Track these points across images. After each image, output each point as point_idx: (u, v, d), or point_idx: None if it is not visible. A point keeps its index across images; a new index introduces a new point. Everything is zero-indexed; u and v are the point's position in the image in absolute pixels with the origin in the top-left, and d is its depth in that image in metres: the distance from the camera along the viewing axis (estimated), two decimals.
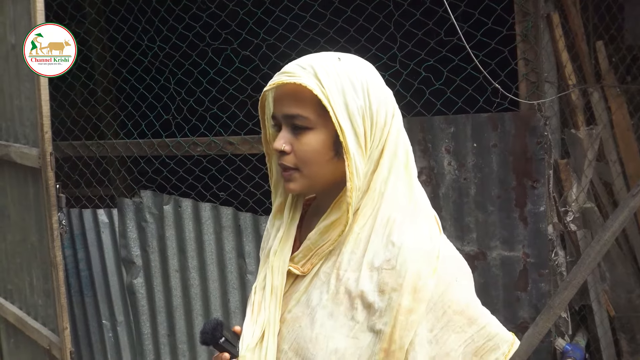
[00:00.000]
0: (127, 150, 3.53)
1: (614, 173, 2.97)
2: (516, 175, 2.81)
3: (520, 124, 2.77)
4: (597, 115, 2.93)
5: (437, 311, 1.13)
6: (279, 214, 1.31)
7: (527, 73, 2.76)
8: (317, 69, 1.15)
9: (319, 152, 1.17)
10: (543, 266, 2.81)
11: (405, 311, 1.11)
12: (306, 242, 1.23)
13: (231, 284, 3.39)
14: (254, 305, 1.26)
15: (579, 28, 2.90)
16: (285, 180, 1.22)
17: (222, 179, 3.40)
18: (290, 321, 1.21)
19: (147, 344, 3.64)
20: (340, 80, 1.14)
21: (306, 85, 1.13)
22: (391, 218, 1.18)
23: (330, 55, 1.19)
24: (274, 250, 1.27)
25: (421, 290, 1.12)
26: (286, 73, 1.17)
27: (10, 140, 3.36)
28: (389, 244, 1.15)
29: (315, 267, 1.21)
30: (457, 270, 1.18)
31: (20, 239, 3.47)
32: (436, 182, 2.91)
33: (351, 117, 1.14)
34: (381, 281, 1.13)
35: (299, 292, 1.22)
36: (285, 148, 1.18)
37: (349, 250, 1.18)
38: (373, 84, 1.18)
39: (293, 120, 1.17)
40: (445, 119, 2.88)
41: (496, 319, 1.19)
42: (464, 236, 2.89)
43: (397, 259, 1.13)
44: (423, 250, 1.14)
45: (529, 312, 2.85)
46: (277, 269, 1.25)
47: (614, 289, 3.00)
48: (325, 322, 1.16)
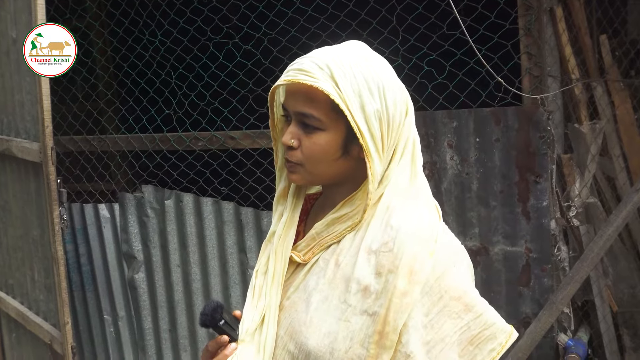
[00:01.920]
0: (129, 145, 3.52)
1: (617, 168, 2.95)
2: (519, 170, 2.80)
3: (523, 119, 2.76)
4: (600, 110, 2.91)
5: (433, 295, 1.12)
6: (282, 199, 1.31)
7: (530, 67, 2.74)
8: (334, 70, 1.13)
9: (327, 152, 1.17)
10: (546, 261, 2.80)
11: (400, 293, 1.10)
12: (311, 232, 1.23)
13: (232, 278, 3.39)
14: (255, 289, 1.25)
15: (582, 22, 2.88)
16: (288, 170, 1.23)
17: (223, 174, 3.39)
18: (287, 307, 1.21)
19: (148, 338, 3.64)
20: (357, 83, 1.13)
21: (324, 90, 1.12)
22: (392, 205, 1.18)
23: (345, 54, 1.17)
24: (278, 235, 1.26)
25: (417, 272, 1.11)
26: (303, 71, 1.14)
27: (12, 135, 3.36)
28: (388, 227, 1.15)
29: (316, 256, 1.22)
30: (455, 256, 1.18)
31: (22, 234, 3.47)
32: (438, 176, 2.90)
33: (367, 121, 1.13)
34: (378, 264, 1.13)
35: (298, 279, 1.22)
36: (293, 144, 1.18)
37: (350, 236, 1.19)
38: (389, 85, 1.17)
39: (304, 118, 1.17)
40: (448, 113, 2.87)
41: (494, 310, 1.18)
42: (467, 231, 2.88)
43: (395, 241, 1.13)
44: (421, 233, 1.14)
45: (531, 307, 2.85)
46: (280, 255, 1.25)
47: (616, 284, 2.99)
48: (319, 306, 1.16)
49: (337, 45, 1.21)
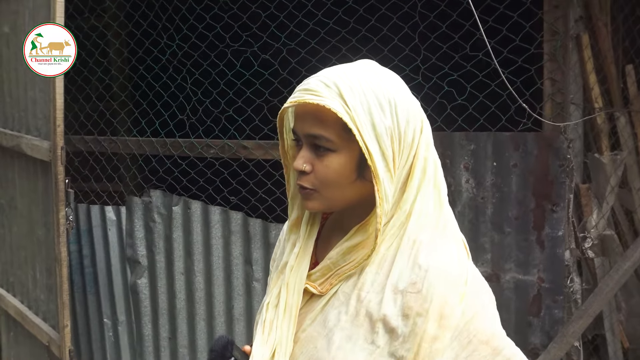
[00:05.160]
0: (140, 148, 3.49)
1: (637, 201, 2.89)
2: (535, 197, 2.74)
3: (543, 145, 2.70)
4: (622, 141, 2.85)
5: (462, 339, 1.08)
6: (295, 228, 1.25)
7: (553, 93, 2.69)
8: (341, 88, 1.08)
9: (341, 175, 1.12)
10: (558, 292, 2.74)
11: (430, 338, 1.06)
12: (326, 262, 1.17)
13: (236, 290, 3.33)
14: (265, 323, 1.19)
15: (608, 50, 2.83)
16: (303, 197, 1.17)
17: (233, 183, 3.35)
18: (304, 341, 1.16)
19: (147, 345, 3.58)
20: (367, 99, 1.08)
21: (331, 107, 1.06)
22: (418, 239, 1.12)
23: (353, 70, 1.12)
24: (290, 267, 1.21)
25: (448, 317, 1.07)
26: (310, 91, 1.09)
27: (22, 131, 3.33)
28: (415, 266, 1.10)
29: (334, 288, 1.16)
30: (484, 298, 1.13)
31: (26, 232, 3.43)
32: (453, 199, 2.84)
33: (379, 139, 1.08)
34: (405, 305, 1.08)
35: (315, 312, 1.16)
36: (306, 168, 1.13)
37: (373, 270, 1.13)
38: (400, 100, 1.11)
39: (315, 140, 1.12)
40: (466, 135, 2.82)
41: (520, 351, 1.15)
42: (478, 256, 2.82)
43: (424, 283, 1.08)
44: (451, 275, 1.09)
45: (540, 338, 2.78)
46: (293, 287, 1.19)
47: (629, 320, 2.92)
48: (343, 344, 1.10)
49: (346, 63, 1.17)
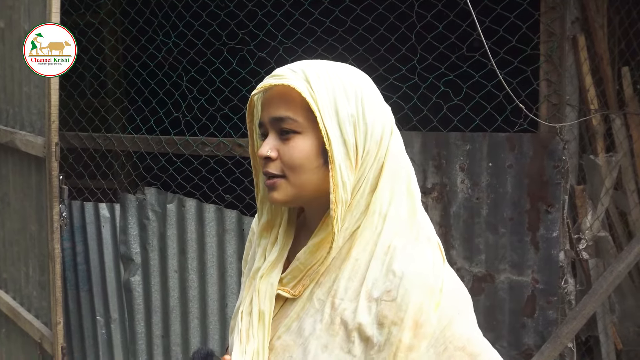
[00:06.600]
0: (134, 145, 3.48)
1: (632, 203, 2.89)
2: (530, 199, 2.74)
3: (538, 146, 2.71)
4: (617, 143, 2.85)
5: (438, 347, 1.06)
6: (266, 233, 1.22)
7: (549, 95, 2.69)
8: (307, 73, 1.09)
9: (307, 158, 1.10)
10: (552, 293, 2.75)
11: (405, 348, 1.04)
12: (295, 263, 1.15)
13: (230, 288, 3.32)
14: (242, 332, 1.17)
15: (604, 52, 2.83)
16: (269, 189, 1.14)
17: (228, 181, 3.34)
18: (279, 349, 1.14)
19: (140, 343, 3.57)
20: (332, 85, 1.09)
21: (294, 86, 1.07)
22: (392, 244, 1.10)
23: (324, 62, 1.14)
24: (261, 274, 1.18)
25: (423, 325, 1.05)
26: (275, 76, 1.11)
27: (16, 127, 3.31)
28: (390, 273, 1.07)
29: (307, 290, 1.14)
30: (460, 304, 1.11)
31: (19, 228, 3.41)
32: (448, 199, 2.84)
33: (340, 125, 1.08)
34: (380, 314, 1.06)
35: (290, 318, 1.14)
36: (270, 154, 1.11)
37: (346, 276, 1.11)
38: (368, 94, 1.12)
39: (281, 123, 1.11)
40: (462, 135, 2.81)
41: (497, 354, 1.12)
42: (473, 257, 2.82)
43: (398, 290, 1.06)
44: (426, 282, 1.06)
45: (534, 339, 2.78)
46: (265, 293, 1.16)
47: (622, 322, 2.93)
48: (319, 354, 1.08)
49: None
